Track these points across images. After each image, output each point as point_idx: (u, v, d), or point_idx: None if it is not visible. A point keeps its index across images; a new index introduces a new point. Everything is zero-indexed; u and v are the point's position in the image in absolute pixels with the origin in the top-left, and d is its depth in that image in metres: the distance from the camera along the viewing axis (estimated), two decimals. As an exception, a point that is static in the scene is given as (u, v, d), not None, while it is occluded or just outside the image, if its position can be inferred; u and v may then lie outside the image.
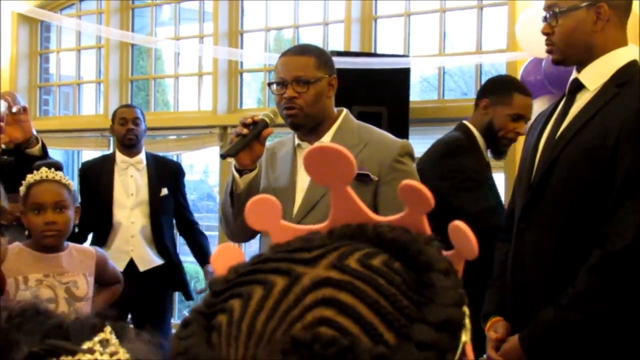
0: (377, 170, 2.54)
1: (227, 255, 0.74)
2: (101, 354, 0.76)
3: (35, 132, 3.11)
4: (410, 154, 2.63)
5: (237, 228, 2.63)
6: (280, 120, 2.61)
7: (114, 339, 0.78)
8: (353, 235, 0.69)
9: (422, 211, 0.72)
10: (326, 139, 2.62)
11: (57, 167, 2.97)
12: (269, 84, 2.69)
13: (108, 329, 0.80)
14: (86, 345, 0.77)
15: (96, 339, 0.77)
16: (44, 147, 3.13)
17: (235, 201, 2.57)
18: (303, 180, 2.60)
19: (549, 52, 2.43)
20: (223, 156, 2.53)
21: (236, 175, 2.56)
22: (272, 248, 0.71)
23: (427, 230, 0.72)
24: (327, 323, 0.60)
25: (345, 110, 2.70)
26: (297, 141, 2.67)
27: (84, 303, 2.83)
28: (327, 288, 0.62)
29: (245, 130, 2.49)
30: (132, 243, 4.57)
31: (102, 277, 3.03)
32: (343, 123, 2.66)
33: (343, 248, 0.67)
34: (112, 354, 0.77)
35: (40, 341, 0.77)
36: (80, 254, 2.93)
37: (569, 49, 2.37)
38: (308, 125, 2.60)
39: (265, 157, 2.67)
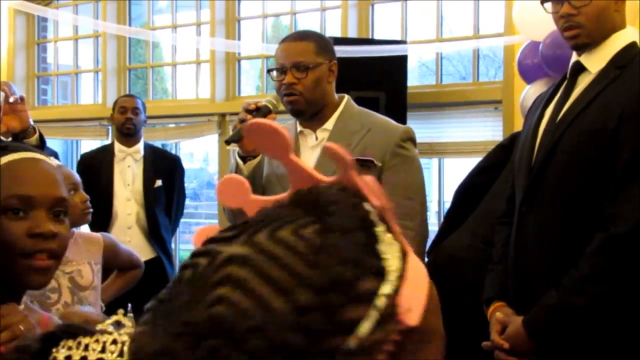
0: (380, 155, 2.54)
1: (206, 235, 0.75)
2: (119, 335, 0.78)
3: (32, 122, 3.11)
4: (412, 139, 2.63)
5: (240, 213, 2.62)
6: (282, 107, 2.61)
7: (128, 322, 0.81)
8: (300, 201, 0.70)
9: (347, 169, 0.73)
10: (329, 125, 2.62)
11: (54, 156, 2.97)
12: (269, 71, 2.67)
13: (121, 311, 0.83)
14: (99, 327, 0.79)
15: (108, 321, 0.80)
16: (41, 137, 3.13)
17: (238, 188, 2.57)
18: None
19: (574, 35, 2.31)
20: (227, 142, 2.53)
21: (240, 161, 2.56)
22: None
23: (360, 187, 0.72)
24: (224, 301, 0.62)
25: (346, 97, 2.70)
26: (299, 128, 2.66)
27: (89, 292, 2.81)
28: (231, 265, 0.64)
29: (248, 117, 2.48)
30: (129, 234, 4.58)
31: (115, 263, 3.01)
32: (345, 109, 2.65)
33: (265, 223, 0.68)
34: (129, 335, 0.78)
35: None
36: (87, 242, 2.91)
37: (599, 30, 2.30)
38: (309, 111, 2.60)
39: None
